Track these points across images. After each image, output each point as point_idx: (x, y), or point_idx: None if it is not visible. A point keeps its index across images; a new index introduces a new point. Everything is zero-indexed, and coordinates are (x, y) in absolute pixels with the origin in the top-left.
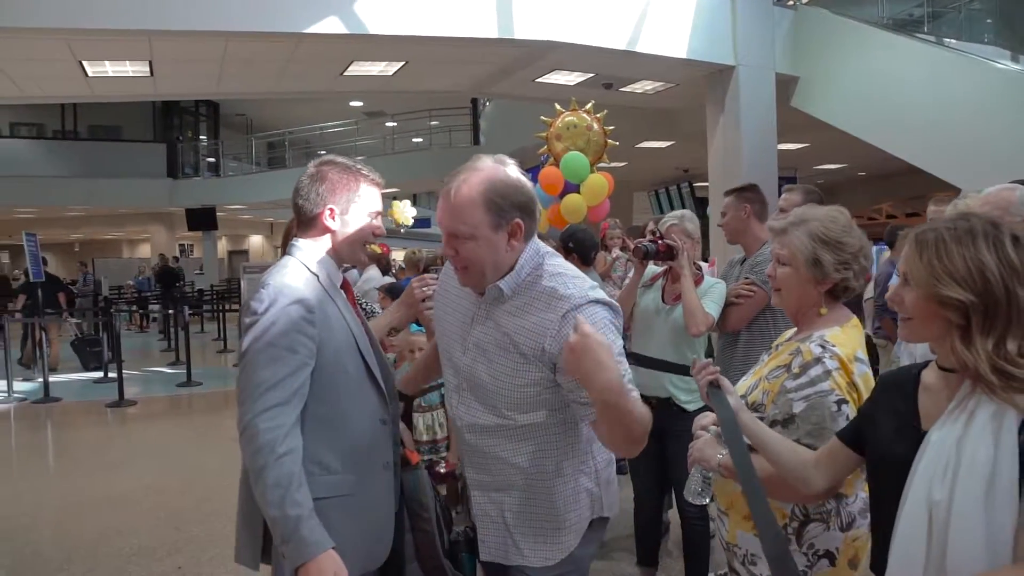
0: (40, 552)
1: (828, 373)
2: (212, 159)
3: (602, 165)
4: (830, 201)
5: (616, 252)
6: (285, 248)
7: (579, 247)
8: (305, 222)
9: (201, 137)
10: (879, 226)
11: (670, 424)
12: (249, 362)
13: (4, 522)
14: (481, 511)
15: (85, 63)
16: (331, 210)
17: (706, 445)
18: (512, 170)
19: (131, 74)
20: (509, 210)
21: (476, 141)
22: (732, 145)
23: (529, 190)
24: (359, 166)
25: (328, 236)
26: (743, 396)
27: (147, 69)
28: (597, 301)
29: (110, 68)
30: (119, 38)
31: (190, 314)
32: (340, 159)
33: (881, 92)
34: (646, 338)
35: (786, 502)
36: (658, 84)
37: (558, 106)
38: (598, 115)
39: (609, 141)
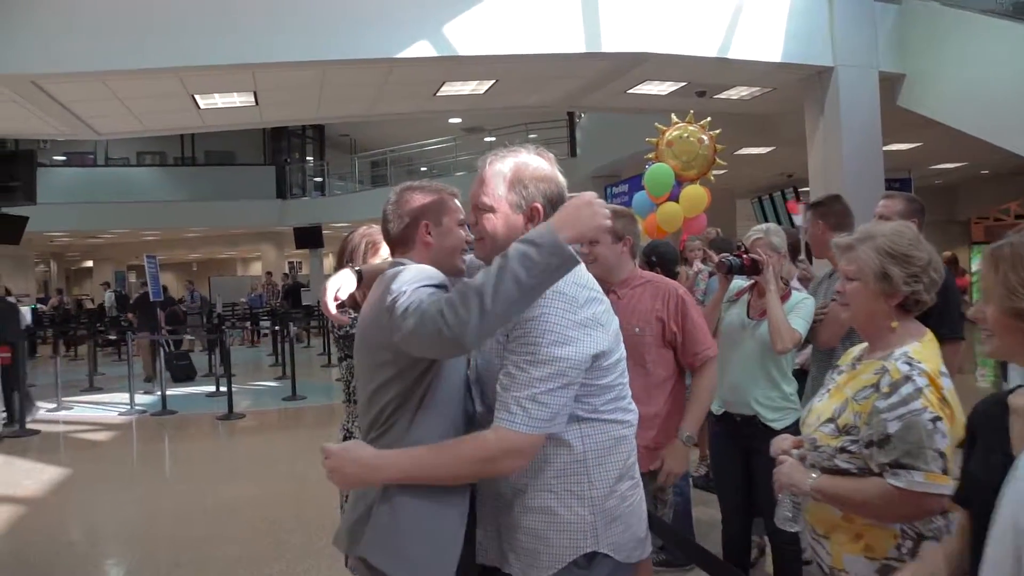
0: (153, 555)
1: (919, 391)
2: (319, 179)
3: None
4: (949, 203)
5: (697, 265)
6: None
7: (662, 261)
8: (402, 242)
9: (308, 159)
10: (1007, 227)
11: (756, 443)
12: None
13: (123, 527)
14: (480, 512)
15: (197, 97)
16: (425, 225)
17: (793, 470)
18: (547, 161)
19: (238, 104)
20: (533, 194)
21: (573, 153)
22: (833, 149)
23: (560, 184)
24: (433, 183)
25: (426, 251)
26: (830, 419)
27: (252, 99)
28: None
29: (219, 100)
30: (225, 72)
31: (296, 329)
32: (415, 183)
33: (998, 85)
34: (731, 354)
35: (892, 523)
36: (753, 89)
37: (674, 116)
38: (702, 123)
39: (718, 160)
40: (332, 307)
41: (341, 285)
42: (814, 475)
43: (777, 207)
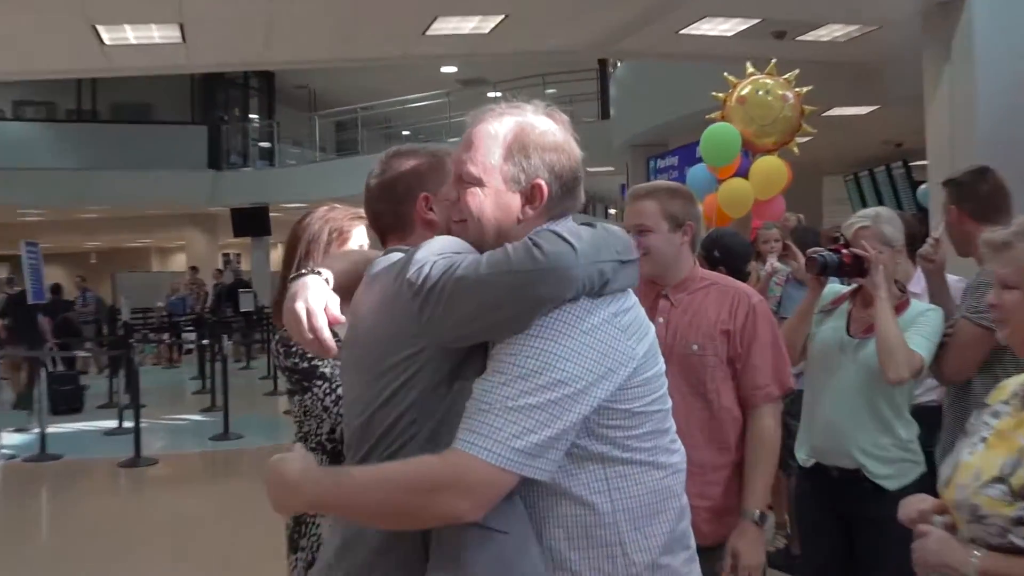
0: None
1: None
2: (266, 144)
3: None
4: None
5: (773, 263)
6: (290, 269)
7: (728, 256)
8: (397, 224)
9: (251, 116)
10: None
11: (861, 507)
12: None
13: None
14: None
15: (100, 28)
16: (425, 198)
17: (945, 546)
18: (559, 124)
19: (158, 40)
20: (536, 167)
21: (605, 114)
22: (963, 109)
23: (574, 157)
24: (428, 146)
25: (430, 232)
26: (998, 478)
27: (178, 34)
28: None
29: (132, 34)
30: None
31: (231, 344)
32: (405, 147)
33: None
34: (825, 384)
35: None
36: (851, 28)
37: (750, 66)
38: (787, 77)
39: (804, 126)
40: (327, 335)
41: (327, 299)
42: (977, 553)
43: (880, 187)
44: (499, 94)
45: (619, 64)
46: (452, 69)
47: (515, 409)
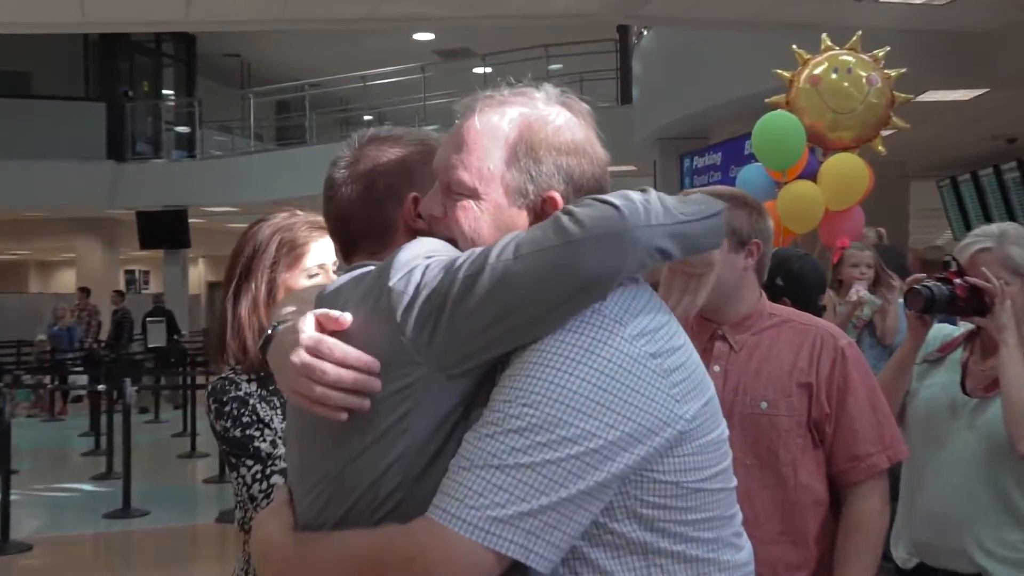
0: None
1: None
2: (184, 129)
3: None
4: None
5: (859, 291)
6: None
7: (795, 285)
8: (374, 232)
9: (165, 93)
10: None
11: None
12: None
13: None
14: None
15: None
16: (414, 199)
17: None
18: (578, 117)
19: None
20: (549, 174)
21: (626, 98)
22: None
23: (598, 160)
24: (411, 131)
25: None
26: None
27: None
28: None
29: None
30: None
31: (135, 390)
32: (384, 131)
33: None
34: (932, 458)
35: None
36: None
37: (826, 38)
38: (874, 54)
39: (894, 118)
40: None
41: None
42: None
43: (986, 195)
44: (489, 69)
45: (645, 33)
46: (428, 36)
47: (501, 468)
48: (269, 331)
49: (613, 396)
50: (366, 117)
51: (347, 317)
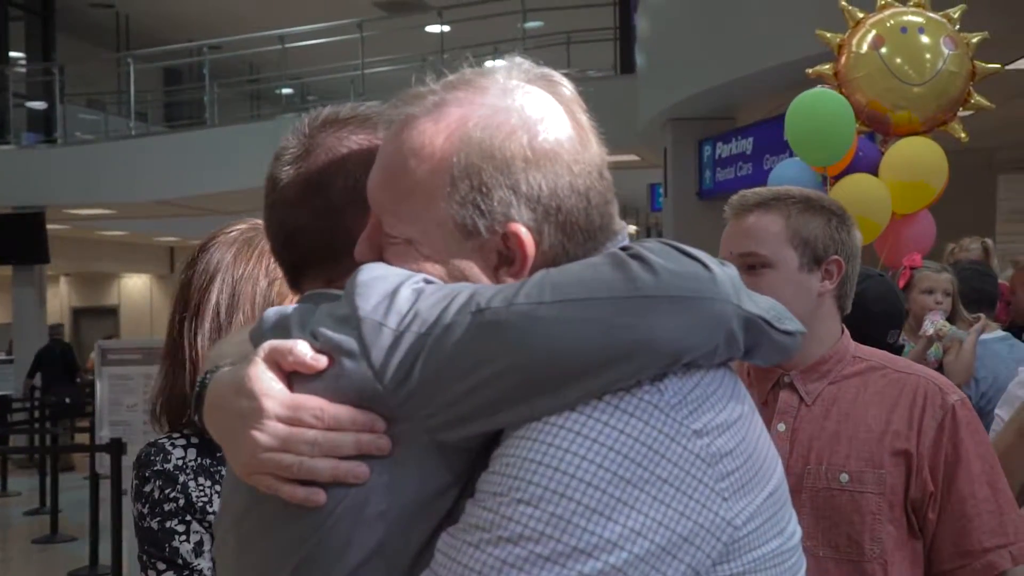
0: None
1: None
2: (39, 104)
3: None
4: None
5: (935, 321)
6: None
7: (854, 315)
8: (328, 254)
9: (13, 55)
10: None
11: None
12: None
13: None
14: None
15: None
16: None
17: None
18: (561, 103)
19: None
20: (504, 200)
21: (627, 66)
22: None
23: (593, 163)
24: (376, 108)
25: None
26: None
27: None
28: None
29: None
30: None
31: None
32: (343, 111)
33: None
34: None
35: None
36: None
37: None
38: (948, 13)
39: (974, 95)
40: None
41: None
42: None
43: None
44: (446, 28)
45: None
46: None
47: None
48: (198, 384)
49: (639, 490)
50: (284, 91)
51: (306, 350)
